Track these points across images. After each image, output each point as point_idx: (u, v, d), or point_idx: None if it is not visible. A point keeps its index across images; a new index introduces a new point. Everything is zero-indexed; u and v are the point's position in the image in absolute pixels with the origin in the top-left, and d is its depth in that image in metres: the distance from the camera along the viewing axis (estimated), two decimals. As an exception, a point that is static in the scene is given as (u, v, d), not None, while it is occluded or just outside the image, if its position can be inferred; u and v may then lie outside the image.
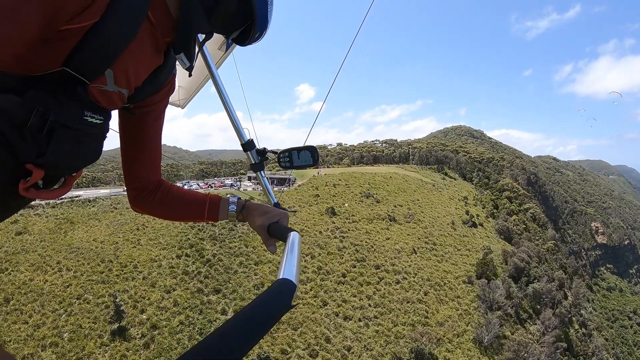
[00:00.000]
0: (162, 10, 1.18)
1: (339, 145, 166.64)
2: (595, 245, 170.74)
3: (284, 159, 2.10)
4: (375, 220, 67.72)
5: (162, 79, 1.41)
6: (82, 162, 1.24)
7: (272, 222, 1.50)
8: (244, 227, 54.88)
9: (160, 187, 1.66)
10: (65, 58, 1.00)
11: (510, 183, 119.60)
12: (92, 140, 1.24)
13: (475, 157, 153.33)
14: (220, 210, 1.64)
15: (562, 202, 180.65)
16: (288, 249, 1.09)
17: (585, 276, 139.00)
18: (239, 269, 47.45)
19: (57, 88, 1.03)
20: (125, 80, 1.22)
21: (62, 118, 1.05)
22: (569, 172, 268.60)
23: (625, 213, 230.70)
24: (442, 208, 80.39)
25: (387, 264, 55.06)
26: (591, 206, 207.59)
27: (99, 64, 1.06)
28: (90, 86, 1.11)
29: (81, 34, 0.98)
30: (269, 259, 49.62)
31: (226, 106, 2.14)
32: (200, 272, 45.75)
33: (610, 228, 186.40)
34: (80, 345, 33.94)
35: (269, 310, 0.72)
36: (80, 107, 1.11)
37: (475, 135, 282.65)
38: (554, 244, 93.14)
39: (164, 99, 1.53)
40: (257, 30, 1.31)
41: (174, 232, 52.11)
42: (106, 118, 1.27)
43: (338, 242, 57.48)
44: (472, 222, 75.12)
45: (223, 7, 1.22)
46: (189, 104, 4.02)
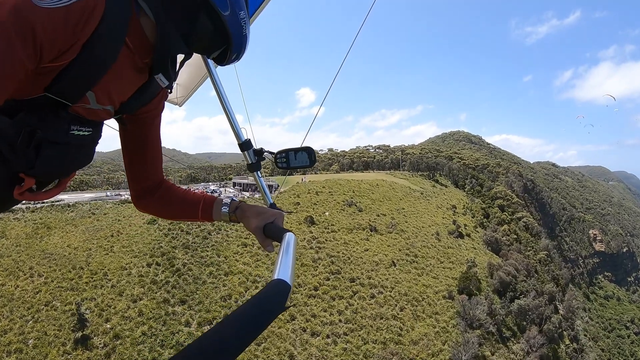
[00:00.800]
0: (139, 35, 1.24)
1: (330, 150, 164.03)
2: (593, 253, 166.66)
3: (281, 160, 2.10)
4: (355, 230, 65.48)
5: (149, 94, 1.46)
6: (72, 168, 1.38)
7: (267, 222, 1.51)
8: (218, 236, 55.17)
9: (161, 187, 1.74)
10: (47, 85, 1.11)
11: (504, 191, 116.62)
12: (81, 149, 1.36)
13: (470, 163, 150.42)
14: (213, 211, 1.66)
15: (560, 209, 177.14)
16: (283, 250, 1.11)
17: (583, 284, 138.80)
18: (208, 280, 46.81)
19: (42, 109, 1.14)
20: (108, 99, 1.30)
21: (48, 135, 1.17)
22: (568, 178, 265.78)
23: (624, 220, 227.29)
24: (428, 217, 77.71)
25: (363, 277, 53.00)
26: (590, 213, 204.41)
27: (79, 89, 1.16)
28: (74, 106, 1.21)
29: (60, 68, 1.08)
30: (240, 269, 49.02)
31: (224, 105, 2.15)
32: (169, 282, 45.19)
33: (609, 235, 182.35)
34: (43, 352, 33.96)
35: (263, 311, 0.71)
36: (66, 123, 1.21)
37: (474, 140, 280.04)
38: (547, 255, 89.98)
39: (156, 107, 1.60)
40: (233, 52, 1.37)
41: (148, 240, 51.77)
42: (95, 128, 1.36)
43: (313, 253, 55.73)
44: (459, 233, 72.27)
45: (199, 30, 1.28)
46: (186, 102, 3.95)
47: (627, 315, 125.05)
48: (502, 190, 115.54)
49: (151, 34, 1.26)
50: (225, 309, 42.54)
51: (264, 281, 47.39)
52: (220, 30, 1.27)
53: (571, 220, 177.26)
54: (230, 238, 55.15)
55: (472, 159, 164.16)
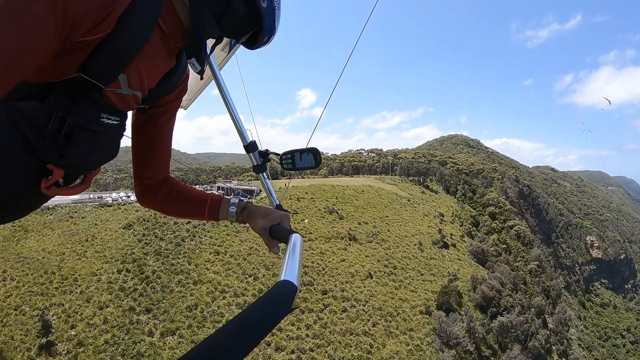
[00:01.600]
0: (173, 18, 1.26)
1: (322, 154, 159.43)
2: (589, 259, 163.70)
3: (287, 161, 2.10)
4: (333, 239, 63.24)
5: (174, 81, 1.49)
6: (100, 160, 1.36)
7: (273, 223, 1.52)
8: (191, 242, 54.23)
9: (166, 184, 1.73)
10: (80, 65, 1.09)
11: (496, 197, 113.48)
12: (109, 140, 1.35)
13: (463, 168, 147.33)
14: (220, 210, 1.67)
15: (557, 215, 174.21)
16: (290, 251, 1.13)
17: (578, 292, 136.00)
18: (176, 288, 45.92)
19: (74, 92, 1.13)
20: (139, 83, 1.31)
21: (79, 121, 1.15)
22: (567, 183, 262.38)
23: (622, 226, 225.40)
24: (413, 226, 75.19)
25: (336, 290, 51.02)
26: (588, 219, 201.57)
27: (112, 70, 1.15)
28: (105, 90, 1.20)
29: (95, 44, 1.07)
30: (209, 278, 48.08)
31: (229, 108, 2.15)
32: (137, 289, 44.56)
33: (606, 242, 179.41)
34: (9, 357, 33.92)
35: (269, 313, 0.71)
36: (97, 109, 1.21)
37: (472, 144, 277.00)
38: (538, 265, 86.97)
39: (177, 98, 1.62)
40: (265, 34, 1.39)
41: (121, 245, 50.93)
42: (122, 119, 1.37)
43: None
44: (444, 243, 69.61)
45: (232, 13, 1.29)
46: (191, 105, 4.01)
47: (623, 324, 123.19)
48: (495, 197, 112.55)
49: (184, 17, 1.27)
50: (190, 319, 41.85)
51: (232, 291, 46.71)
52: (254, 13, 1.29)
53: (568, 226, 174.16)
54: (204, 245, 54.06)
55: (467, 163, 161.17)
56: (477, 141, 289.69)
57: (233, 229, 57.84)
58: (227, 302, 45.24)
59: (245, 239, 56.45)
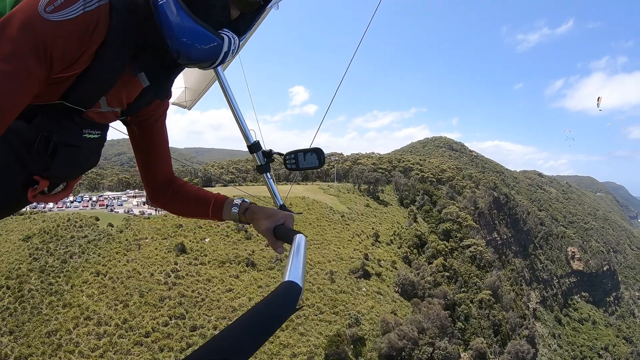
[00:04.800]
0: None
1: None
2: (570, 272, 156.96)
3: (290, 161, 2.15)
4: (228, 263, 55.49)
5: (153, 94, 1.54)
6: (82, 170, 1.51)
7: (277, 224, 1.55)
8: (78, 260, 52.39)
9: (173, 184, 1.86)
10: (63, 93, 1.22)
11: (456, 212, 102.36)
12: (90, 152, 1.48)
13: (429, 176, 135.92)
14: (223, 210, 1.74)
15: (536, 225, 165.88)
16: (294, 252, 1.14)
17: (555, 307, 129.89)
18: (44, 310, 43.88)
19: (58, 114, 1.27)
20: (118, 102, 1.42)
21: (63, 138, 1.29)
22: (553, 189, 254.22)
23: (608, 234, 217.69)
24: (333, 249, 65.00)
25: (208, 326, 44.93)
26: (572, 227, 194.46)
27: (92, 97, 1.28)
28: (87, 111, 1.34)
29: (73, 78, 1.19)
30: (80, 302, 45.60)
31: (232, 108, 2.22)
32: (8, 308, 43.09)
33: (589, 253, 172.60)
34: None
35: (274, 313, 0.73)
36: (79, 127, 1.34)
37: (455, 147, 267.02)
38: (491, 295, 75.56)
39: (159, 106, 1.69)
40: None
41: (12, 259, 50.20)
42: (103, 131, 1.49)
43: (165, 289, 49.11)
44: (364, 272, 58.60)
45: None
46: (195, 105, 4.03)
47: (601, 342, 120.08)
48: (454, 211, 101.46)
49: None
50: (46, 345, 39.44)
51: (96, 319, 43.73)
52: None
53: (548, 236, 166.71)
54: (88, 264, 51.89)
55: (437, 170, 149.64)
56: (460, 144, 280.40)
57: (123, 247, 55.97)
58: (87, 330, 42.19)
59: (134, 259, 54.00)
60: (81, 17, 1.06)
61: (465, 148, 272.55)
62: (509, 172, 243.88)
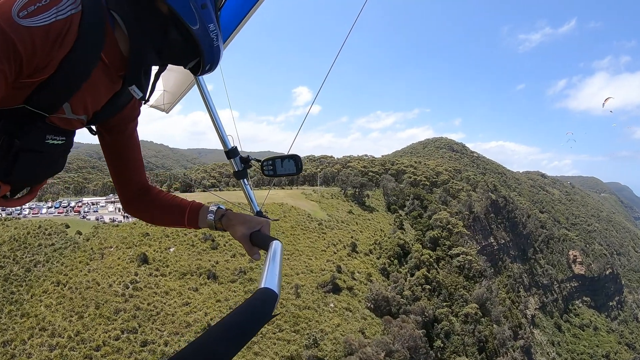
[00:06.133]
0: (115, 51, 1.34)
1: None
2: (571, 276, 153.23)
3: (268, 167, 2.14)
4: (189, 275, 53.22)
5: (121, 101, 1.55)
6: (45, 175, 1.50)
7: (253, 230, 1.53)
8: (43, 268, 51.96)
9: (147, 193, 1.82)
10: (26, 98, 1.21)
11: (446, 218, 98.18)
12: (54, 157, 1.47)
13: (422, 180, 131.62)
14: (199, 218, 1.71)
15: (537, 228, 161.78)
16: (270, 258, 1.14)
17: (555, 313, 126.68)
18: (3, 319, 43.65)
19: (20, 118, 1.24)
20: (83, 109, 1.39)
21: (25, 143, 1.27)
22: (556, 190, 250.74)
23: (611, 237, 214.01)
24: (304, 260, 61.54)
25: (159, 342, 43.11)
26: (574, 229, 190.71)
27: (55, 102, 1.25)
28: (50, 116, 1.30)
29: (38, 83, 1.18)
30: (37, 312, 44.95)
31: (210, 112, 2.20)
32: None
33: (591, 257, 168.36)
34: None
35: (250, 320, 0.72)
36: (42, 132, 1.32)
37: (456, 148, 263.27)
38: (478, 308, 71.13)
39: (129, 113, 1.67)
40: (206, 63, 1.43)
41: None
42: (68, 137, 1.46)
43: (121, 301, 47.75)
44: (333, 286, 54.78)
45: (170, 44, 1.36)
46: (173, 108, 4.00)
47: (603, 349, 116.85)
48: (444, 218, 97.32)
49: (125, 47, 1.34)
50: (0, 355, 39.65)
51: (51, 330, 42.83)
52: (190, 43, 1.34)
53: (550, 239, 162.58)
54: (51, 273, 51.20)
55: (432, 173, 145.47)
56: (461, 145, 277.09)
57: (87, 257, 54.61)
58: (41, 341, 41.22)
59: (95, 268, 52.74)
60: (53, 24, 1.06)
61: (466, 149, 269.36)
62: (510, 174, 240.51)
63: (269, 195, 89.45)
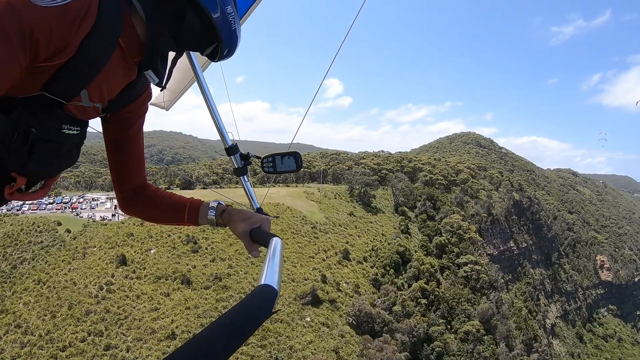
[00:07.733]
0: (132, 36, 1.33)
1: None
2: (597, 282, 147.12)
3: (268, 164, 2.16)
4: (164, 279, 52.17)
5: (135, 91, 1.58)
6: (60, 168, 1.47)
7: (254, 227, 1.54)
8: (28, 266, 52.65)
9: (145, 191, 1.82)
10: (44, 84, 1.19)
11: (457, 222, 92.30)
12: (69, 148, 1.45)
13: (439, 179, 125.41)
14: (199, 215, 1.71)
15: (563, 231, 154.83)
16: (270, 255, 1.14)
17: (578, 322, 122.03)
18: None
19: (37, 107, 1.22)
20: (99, 96, 1.39)
21: (42, 133, 1.24)
22: (587, 189, 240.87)
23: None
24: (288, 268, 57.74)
25: (122, 347, 42.64)
26: (604, 232, 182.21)
27: (74, 89, 1.25)
28: (67, 104, 1.30)
29: (56, 68, 1.16)
30: (15, 309, 46.13)
31: (210, 109, 2.18)
32: None
33: (620, 262, 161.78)
34: None
35: (249, 317, 0.72)
36: (59, 121, 1.31)
37: (483, 144, 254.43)
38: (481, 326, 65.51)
39: (140, 107, 1.70)
40: (224, 48, 1.43)
41: None
42: (83, 128, 1.46)
43: (93, 302, 47.42)
44: (314, 297, 50.98)
45: (187, 28, 1.35)
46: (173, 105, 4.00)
47: None
48: (455, 222, 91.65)
49: (142, 32, 1.33)
50: None
51: (25, 327, 43.86)
52: (208, 28, 1.33)
53: (576, 243, 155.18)
54: (34, 270, 51.73)
55: (451, 171, 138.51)
56: (489, 140, 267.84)
57: (70, 256, 54.34)
58: (14, 338, 42.25)
59: (75, 268, 52.40)
60: (71, 4, 1.04)
61: (494, 145, 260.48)
62: (540, 171, 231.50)
63: (281, 193, 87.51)
